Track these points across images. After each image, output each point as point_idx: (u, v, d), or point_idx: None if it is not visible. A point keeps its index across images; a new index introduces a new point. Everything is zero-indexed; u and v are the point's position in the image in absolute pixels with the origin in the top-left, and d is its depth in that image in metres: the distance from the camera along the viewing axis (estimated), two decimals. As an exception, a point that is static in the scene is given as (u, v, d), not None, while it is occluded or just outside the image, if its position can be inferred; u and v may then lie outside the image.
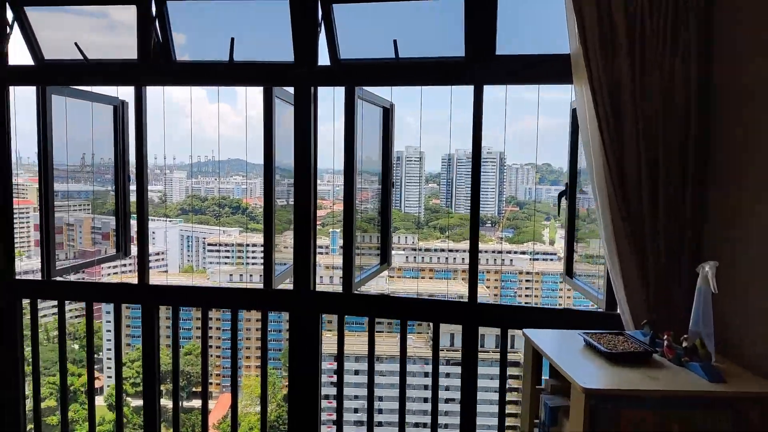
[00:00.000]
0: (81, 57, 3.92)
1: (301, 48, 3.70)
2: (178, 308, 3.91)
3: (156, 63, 3.83)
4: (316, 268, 3.74)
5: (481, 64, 3.44)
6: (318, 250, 3.79)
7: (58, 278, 3.99)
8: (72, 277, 4.40)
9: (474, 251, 3.60)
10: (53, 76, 3.92)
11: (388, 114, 4.42)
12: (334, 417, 3.93)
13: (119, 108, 4.42)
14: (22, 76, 3.94)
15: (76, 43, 3.91)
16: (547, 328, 3.46)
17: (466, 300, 3.70)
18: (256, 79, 3.75)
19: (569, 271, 4.05)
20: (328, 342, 4.19)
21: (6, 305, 4.00)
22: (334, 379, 3.92)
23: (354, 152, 3.74)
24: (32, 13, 3.93)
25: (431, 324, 3.85)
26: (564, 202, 4.07)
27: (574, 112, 3.84)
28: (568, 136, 4.05)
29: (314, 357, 3.85)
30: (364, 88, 3.81)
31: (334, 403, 3.94)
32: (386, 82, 3.67)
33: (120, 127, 4.42)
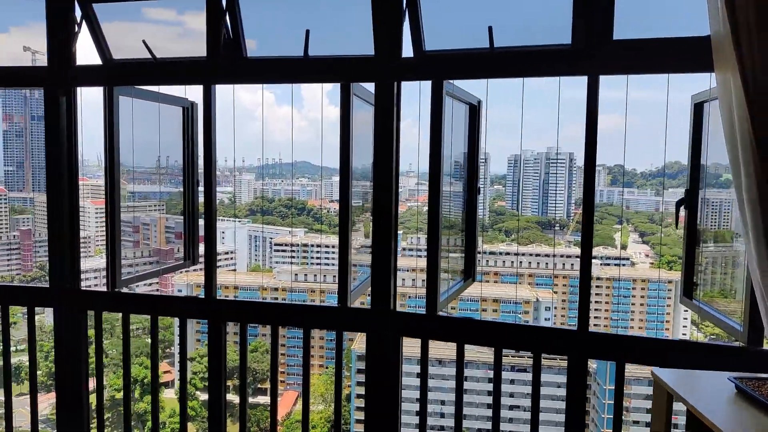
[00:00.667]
0: (149, 57, 3.66)
1: (383, 39, 3.29)
2: (246, 326, 3.58)
3: (226, 60, 3.52)
4: (396, 287, 3.31)
5: (596, 51, 2.92)
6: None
7: (123, 289, 3.75)
8: (138, 287, 4.20)
9: (585, 269, 3.08)
10: (121, 76, 3.68)
11: (475, 111, 3.95)
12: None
13: (188, 110, 4.17)
14: (89, 76, 3.72)
15: (144, 41, 3.66)
16: (672, 362, 2.93)
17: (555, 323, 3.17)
18: (334, 74, 3.37)
19: (688, 292, 3.45)
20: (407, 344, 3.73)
21: (71, 317, 3.79)
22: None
23: (441, 156, 3.30)
24: (105, 25, 3.72)
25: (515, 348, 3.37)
26: (683, 212, 3.48)
27: (697, 107, 3.26)
28: (689, 134, 3.47)
29: (394, 383, 3.43)
30: (452, 82, 3.35)
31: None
32: (479, 74, 3.20)
33: (189, 129, 4.18)
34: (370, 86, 3.51)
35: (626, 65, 2.93)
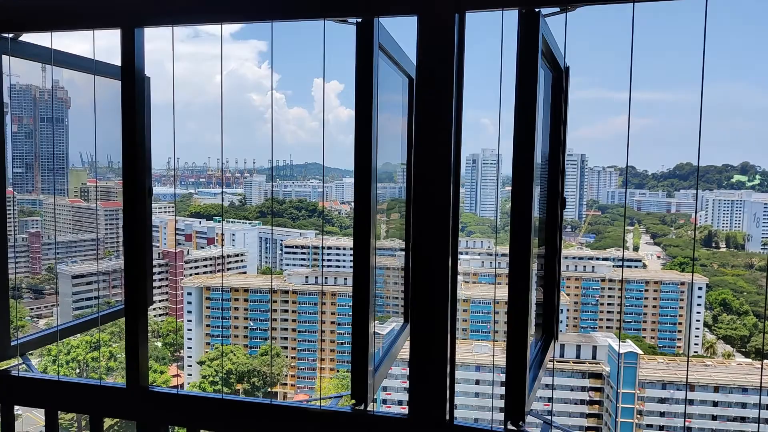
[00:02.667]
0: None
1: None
2: (197, 434, 2.06)
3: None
4: (454, 383, 1.79)
5: None
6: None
7: (12, 366, 2.24)
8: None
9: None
10: None
11: (560, 81, 2.45)
12: None
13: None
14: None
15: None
16: None
17: None
18: (344, 4, 1.84)
19: None
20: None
21: None
22: None
23: (533, 146, 1.79)
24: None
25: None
26: None
27: None
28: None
29: None
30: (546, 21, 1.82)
31: None
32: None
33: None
34: (406, 39, 2.00)
35: None
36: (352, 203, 1.95)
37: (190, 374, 47.52)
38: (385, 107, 2.55)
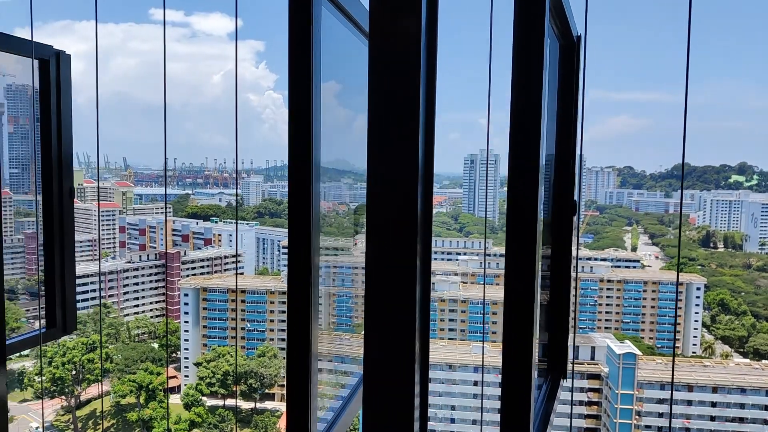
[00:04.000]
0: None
1: None
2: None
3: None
4: None
5: None
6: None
7: None
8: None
9: None
10: None
11: (571, 52, 2.14)
12: None
13: (51, 63, 2.51)
14: None
15: None
16: None
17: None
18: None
19: None
20: None
21: None
22: None
23: (540, 138, 1.50)
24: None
25: None
26: None
27: None
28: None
29: None
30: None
31: None
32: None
33: (53, 96, 2.54)
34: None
35: None
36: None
37: (187, 375, 47.16)
38: (354, 100, 2.20)
